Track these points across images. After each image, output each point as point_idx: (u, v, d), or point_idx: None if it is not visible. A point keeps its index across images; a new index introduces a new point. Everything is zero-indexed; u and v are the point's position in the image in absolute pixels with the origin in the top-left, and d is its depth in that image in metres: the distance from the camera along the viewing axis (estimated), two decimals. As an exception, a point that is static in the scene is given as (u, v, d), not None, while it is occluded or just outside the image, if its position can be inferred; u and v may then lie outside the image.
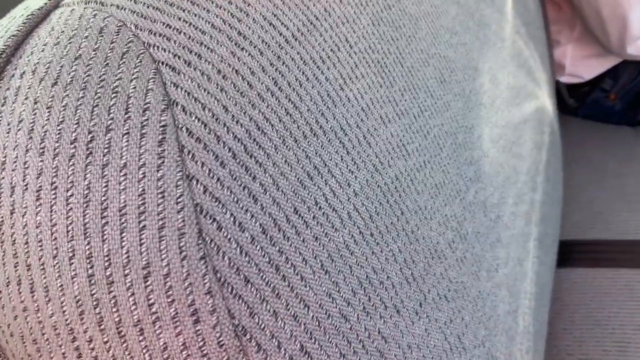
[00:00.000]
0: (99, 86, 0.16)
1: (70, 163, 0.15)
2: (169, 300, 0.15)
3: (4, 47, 0.18)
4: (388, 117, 0.23)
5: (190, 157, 0.16)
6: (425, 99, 0.27)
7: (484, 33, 0.38)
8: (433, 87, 0.28)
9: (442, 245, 0.25)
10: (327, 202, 0.19)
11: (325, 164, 0.19)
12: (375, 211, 0.21)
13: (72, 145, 0.15)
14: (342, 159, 0.20)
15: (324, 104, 0.20)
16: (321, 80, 0.20)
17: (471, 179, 0.30)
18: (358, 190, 0.20)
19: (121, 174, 0.15)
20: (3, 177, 0.16)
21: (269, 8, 0.20)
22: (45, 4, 0.19)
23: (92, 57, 0.17)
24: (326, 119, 0.20)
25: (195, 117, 0.16)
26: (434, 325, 0.23)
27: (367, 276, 0.19)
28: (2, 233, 0.16)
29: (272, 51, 0.19)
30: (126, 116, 0.16)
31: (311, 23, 0.21)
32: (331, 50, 0.21)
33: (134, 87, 0.16)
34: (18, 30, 0.18)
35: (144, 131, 0.15)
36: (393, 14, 0.27)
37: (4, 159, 0.16)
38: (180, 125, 0.16)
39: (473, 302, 0.27)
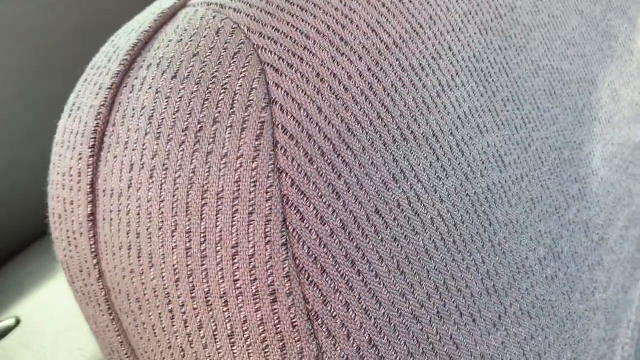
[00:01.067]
0: (211, 82, 0.18)
1: (181, 149, 0.17)
2: (252, 279, 0.16)
3: (136, 40, 0.20)
4: (487, 127, 0.23)
5: (282, 152, 0.17)
6: (530, 110, 0.27)
7: (608, 45, 0.36)
8: (541, 99, 0.28)
9: (532, 261, 0.24)
10: (410, 205, 0.19)
11: (413, 169, 0.20)
12: (461, 220, 0.21)
13: (184, 133, 0.17)
14: (431, 165, 0.20)
15: (418, 110, 0.21)
16: (418, 87, 0.21)
17: (574, 197, 0.29)
18: (445, 197, 0.21)
19: (222, 162, 0.17)
20: (125, 156, 0.18)
21: (374, 15, 0.21)
22: (175, 3, 0.21)
23: (208, 55, 0.18)
24: (418, 125, 0.20)
25: (291, 116, 0.17)
26: (512, 339, 0.23)
27: (444, 282, 0.20)
28: (120, 204, 0.18)
29: (371, 57, 0.20)
30: (231, 111, 0.17)
31: (414, 31, 0.22)
32: (432, 57, 0.22)
33: (241, 85, 0.18)
34: (150, 27, 0.21)
35: (245, 126, 0.17)
36: (504, 24, 0.26)
37: (127, 140, 0.18)
38: (276, 123, 0.17)
39: (561, 323, 0.26)
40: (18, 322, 0.48)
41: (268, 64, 0.18)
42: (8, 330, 0.47)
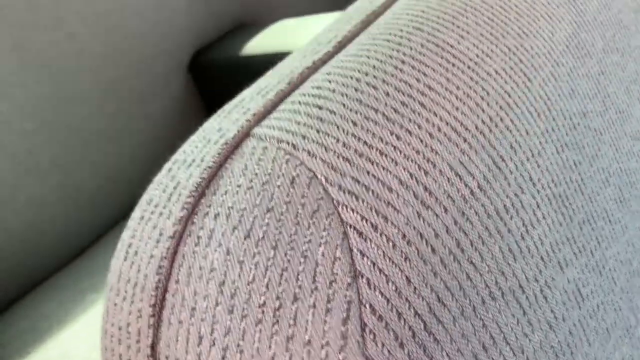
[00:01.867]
0: (289, 247, 0.16)
1: (258, 328, 0.16)
2: None
3: (200, 179, 0.19)
4: (566, 260, 0.22)
5: (371, 337, 0.15)
6: (603, 227, 0.25)
7: (668, 130, 0.34)
8: (612, 210, 0.26)
9: (609, 400, 0.23)
10: (500, 377, 0.18)
11: (501, 331, 0.18)
12: (546, 377, 0.19)
13: (260, 310, 0.16)
14: (517, 322, 0.19)
15: (504, 260, 0.19)
16: (503, 233, 0.19)
17: (643, 311, 0.27)
18: (531, 356, 0.19)
19: (304, 349, 0.15)
20: (192, 324, 0.17)
21: (456, 155, 0.19)
22: (238, 131, 0.20)
23: (284, 212, 0.17)
24: (505, 278, 0.19)
25: (379, 292, 0.16)
26: None
27: None
28: (187, 380, 0.16)
29: (456, 207, 0.18)
30: (313, 286, 0.16)
31: (496, 165, 0.20)
32: (515, 194, 0.20)
33: (322, 254, 0.16)
34: (213, 162, 0.19)
35: (329, 306, 0.15)
36: (578, 134, 0.25)
37: (194, 306, 0.17)
38: (364, 302, 0.16)
39: None
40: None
41: (351, 226, 0.17)
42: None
